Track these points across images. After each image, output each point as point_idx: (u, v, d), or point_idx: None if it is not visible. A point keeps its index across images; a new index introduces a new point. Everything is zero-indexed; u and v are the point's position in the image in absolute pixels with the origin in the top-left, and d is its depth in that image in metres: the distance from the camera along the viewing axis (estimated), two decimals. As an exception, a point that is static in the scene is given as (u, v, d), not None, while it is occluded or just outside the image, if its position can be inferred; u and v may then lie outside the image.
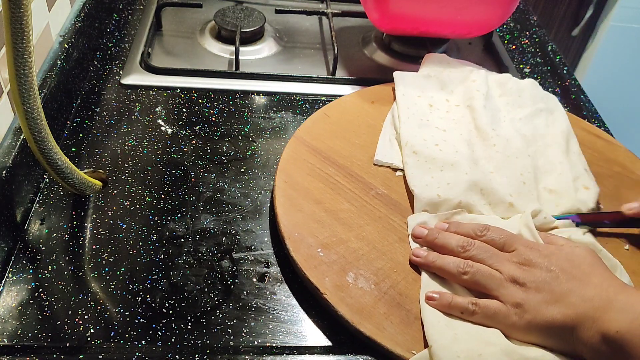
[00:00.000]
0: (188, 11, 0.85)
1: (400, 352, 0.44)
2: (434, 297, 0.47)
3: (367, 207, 0.55)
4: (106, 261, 0.49)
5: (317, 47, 0.81)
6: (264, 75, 0.73)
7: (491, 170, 0.58)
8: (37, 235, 0.51)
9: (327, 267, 0.49)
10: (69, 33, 0.66)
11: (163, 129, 0.64)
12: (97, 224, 0.53)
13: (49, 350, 0.43)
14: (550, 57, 0.85)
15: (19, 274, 0.48)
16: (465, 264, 0.47)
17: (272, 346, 0.45)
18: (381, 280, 0.49)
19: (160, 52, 0.76)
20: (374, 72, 0.78)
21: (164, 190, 0.57)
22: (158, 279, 0.49)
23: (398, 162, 0.60)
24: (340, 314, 0.45)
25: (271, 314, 0.47)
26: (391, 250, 0.51)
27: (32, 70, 0.43)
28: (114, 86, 0.69)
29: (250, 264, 0.51)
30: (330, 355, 0.45)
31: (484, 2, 0.72)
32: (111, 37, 0.77)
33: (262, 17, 0.80)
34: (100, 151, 0.60)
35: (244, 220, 0.55)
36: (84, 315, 0.45)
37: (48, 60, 0.61)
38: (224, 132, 0.64)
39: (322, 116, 0.65)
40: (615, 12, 1.57)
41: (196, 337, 0.45)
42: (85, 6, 0.71)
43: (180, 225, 0.54)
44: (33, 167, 0.54)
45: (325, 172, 0.58)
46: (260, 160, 0.62)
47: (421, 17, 0.73)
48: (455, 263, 0.48)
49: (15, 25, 0.40)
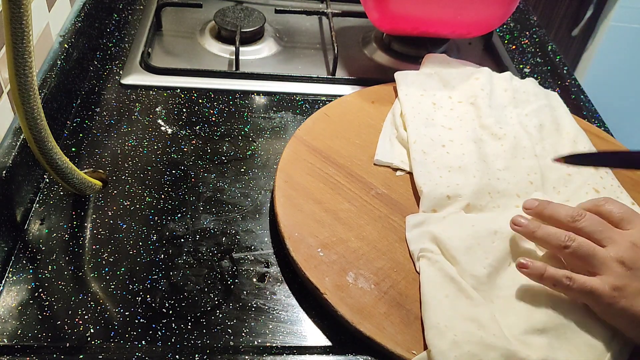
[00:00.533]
0: (188, 11, 0.85)
1: (400, 352, 0.44)
2: (526, 264, 0.45)
3: (367, 207, 0.55)
4: (106, 261, 0.49)
5: (317, 47, 0.81)
6: (264, 75, 0.73)
7: (499, 167, 0.58)
8: (37, 235, 0.51)
9: (327, 267, 0.49)
10: (69, 33, 0.66)
11: (163, 129, 0.64)
12: (97, 224, 0.53)
13: (49, 350, 0.43)
14: (550, 57, 0.85)
15: (19, 274, 0.48)
16: (568, 237, 0.45)
17: (272, 346, 0.45)
18: (381, 280, 0.49)
19: (160, 52, 0.76)
20: (374, 72, 0.78)
21: (164, 190, 0.57)
22: (158, 279, 0.49)
23: (398, 162, 0.60)
24: (340, 313, 0.45)
25: (271, 314, 0.47)
26: (391, 250, 0.51)
27: (32, 70, 0.43)
28: (114, 86, 0.69)
29: (250, 264, 0.51)
30: (330, 355, 0.45)
31: (484, 2, 0.72)
32: (111, 37, 0.77)
33: (262, 17, 0.80)
34: (100, 151, 0.60)
35: (244, 220, 0.55)
36: (84, 315, 0.45)
37: (48, 60, 0.61)
38: (224, 132, 0.64)
39: (323, 116, 0.65)
40: (615, 12, 1.57)
41: (196, 337, 0.45)
42: (85, 6, 0.71)
43: (180, 225, 0.53)
44: (33, 167, 0.54)
45: (325, 172, 0.58)
46: (260, 160, 0.62)
47: (421, 17, 0.73)
48: (558, 235, 0.46)
49: (15, 25, 0.40)
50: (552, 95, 0.70)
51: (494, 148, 0.61)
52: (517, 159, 0.60)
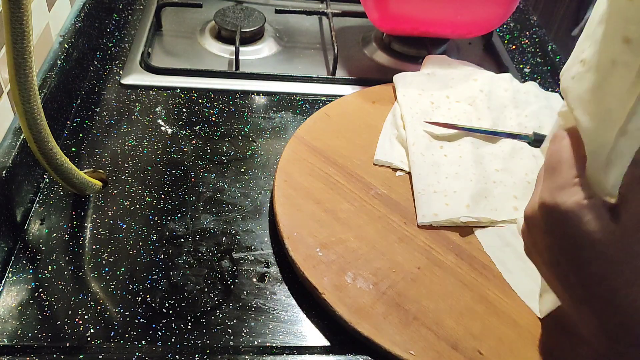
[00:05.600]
0: (188, 11, 0.85)
1: (398, 352, 0.44)
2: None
3: (367, 207, 0.55)
4: (106, 261, 0.50)
5: (317, 47, 0.81)
6: (264, 75, 0.73)
7: (497, 168, 0.58)
8: (37, 235, 0.51)
9: (325, 267, 0.49)
10: (69, 33, 0.66)
11: (163, 129, 0.64)
12: (97, 224, 0.53)
13: (49, 350, 0.43)
14: (550, 57, 0.85)
15: (19, 274, 0.48)
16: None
17: (272, 346, 0.45)
18: (380, 280, 0.49)
19: (160, 52, 0.77)
20: (374, 72, 0.78)
21: (164, 190, 0.57)
22: (158, 279, 0.49)
23: (398, 162, 0.60)
24: (339, 313, 0.46)
25: (271, 314, 0.47)
26: (390, 250, 0.51)
27: (32, 70, 0.43)
28: (114, 86, 0.69)
29: (250, 264, 0.51)
30: (329, 355, 0.45)
31: (484, 2, 0.72)
32: (111, 37, 0.77)
33: (262, 17, 0.80)
34: (100, 151, 0.60)
35: (244, 220, 0.55)
36: (84, 315, 0.45)
37: (48, 60, 0.61)
38: (224, 132, 0.64)
39: (323, 116, 0.65)
40: (616, 12, 1.56)
41: (196, 337, 0.45)
42: (85, 6, 0.71)
43: (180, 225, 0.54)
44: (33, 167, 0.54)
45: (325, 172, 0.58)
46: (260, 160, 0.62)
47: (421, 17, 0.73)
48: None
49: (15, 26, 0.40)
50: (553, 97, 0.70)
51: (492, 148, 0.61)
52: (515, 160, 0.60)
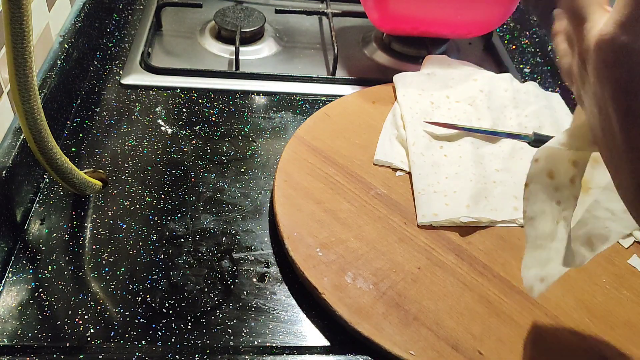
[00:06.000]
0: (188, 11, 0.85)
1: (399, 353, 0.44)
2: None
3: (367, 207, 0.55)
4: (106, 261, 0.50)
5: (317, 47, 0.81)
6: (264, 75, 0.73)
7: (497, 168, 0.58)
8: (37, 235, 0.51)
9: (325, 267, 0.49)
10: (69, 33, 0.66)
11: (163, 129, 0.64)
12: (97, 224, 0.53)
13: (49, 350, 0.43)
14: (550, 57, 0.85)
15: (19, 274, 0.48)
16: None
17: (272, 346, 0.45)
18: (380, 280, 0.49)
19: (160, 52, 0.76)
20: (374, 72, 0.78)
21: (164, 190, 0.57)
22: (158, 279, 0.49)
23: (398, 162, 0.60)
24: (339, 314, 0.46)
25: (271, 314, 0.47)
26: (390, 250, 0.51)
27: (32, 70, 0.43)
28: (114, 86, 0.69)
29: (250, 264, 0.51)
30: (329, 355, 0.45)
31: (484, 2, 0.72)
32: (111, 37, 0.77)
33: (262, 17, 0.80)
34: (100, 151, 0.60)
35: (244, 220, 0.55)
36: (84, 315, 0.45)
37: (48, 60, 0.61)
38: (224, 132, 0.64)
39: (323, 116, 0.65)
40: (616, 12, 1.56)
41: (196, 337, 0.45)
42: (85, 6, 0.71)
43: (180, 225, 0.54)
44: (33, 167, 0.54)
45: (325, 172, 0.58)
46: (260, 160, 0.62)
47: (421, 17, 0.73)
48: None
49: (15, 26, 0.40)
50: (553, 97, 0.70)
51: (492, 148, 0.61)
52: (515, 159, 0.60)
